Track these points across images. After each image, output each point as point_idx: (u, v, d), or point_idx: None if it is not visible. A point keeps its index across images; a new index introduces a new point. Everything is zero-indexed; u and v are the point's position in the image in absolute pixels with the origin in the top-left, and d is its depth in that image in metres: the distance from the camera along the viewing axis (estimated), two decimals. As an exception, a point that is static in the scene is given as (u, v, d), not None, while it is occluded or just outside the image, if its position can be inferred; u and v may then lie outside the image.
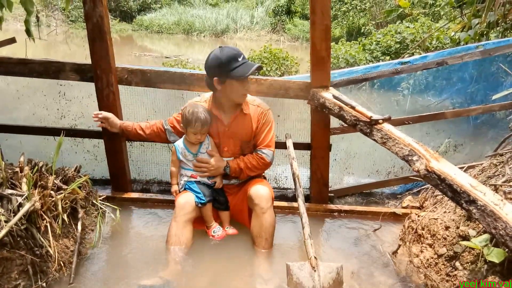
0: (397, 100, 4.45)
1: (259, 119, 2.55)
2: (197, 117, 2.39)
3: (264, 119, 2.56)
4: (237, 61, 2.35)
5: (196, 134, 2.44)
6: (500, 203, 1.65)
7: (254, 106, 2.56)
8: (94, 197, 2.57)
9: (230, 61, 2.34)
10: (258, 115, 2.55)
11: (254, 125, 2.54)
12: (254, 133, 2.55)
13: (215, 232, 2.52)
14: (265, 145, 2.58)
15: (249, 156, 2.57)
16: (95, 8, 2.56)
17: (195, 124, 2.40)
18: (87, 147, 3.37)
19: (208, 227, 2.54)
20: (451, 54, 3.19)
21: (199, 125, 2.40)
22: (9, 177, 2.04)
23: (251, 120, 2.53)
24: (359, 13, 15.14)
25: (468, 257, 2.06)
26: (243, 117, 2.53)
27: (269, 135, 2.59)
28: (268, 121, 2.58)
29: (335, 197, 3.24)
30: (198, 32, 18.79)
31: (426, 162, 1.97)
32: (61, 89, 3.27)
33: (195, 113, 2.39)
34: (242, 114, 2.52)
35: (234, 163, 2.53)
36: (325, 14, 2.61)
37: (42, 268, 1.98)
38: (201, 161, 2.51)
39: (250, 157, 2.56)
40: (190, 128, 2.42)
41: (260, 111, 2.56)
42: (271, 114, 2.61)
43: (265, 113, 2.57)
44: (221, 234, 2.53)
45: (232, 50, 2.39)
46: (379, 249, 2.59)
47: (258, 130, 2.56)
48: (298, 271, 2.08)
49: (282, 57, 8.34)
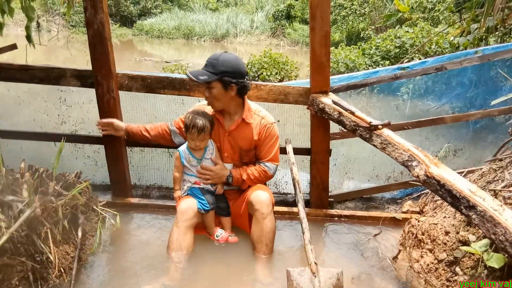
0: (397, 104, 4.47)
1: (261, 131, 2.53)
2: (194, 123, 2.38)
3: (267, 133, 2.54)
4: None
5: (194, 140, 2.43)
6: (500, 209, 1.66)
7: (258, 117, 2.55)
8: (95, 202, 2.57)
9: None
10: (261, 127, 2.53)
11: (255, 136, 2.53)
12: (254, 143, 2.55)
13: (218, 236, 2.53)
14: (268, 159, 2.58)
15: (252, 167, 2.58)
16: (96, 15, 2.58)
17: (192, 130, 2.40)
18: (88, 152, 3.38)
19: (211, 233, 2.55)
20: (450, 60, 3.21)
21: (195, 132, 2.39)
22: (10, 183, 2.04)
23: (252, 130, 2.53)
24: (359, 18, 15.18)
25: (468, 262, 2.06)
26: (245, 126, 2.53)
27: (273, 149, 2.58)
28: (272, 135, 2.56)
29: (335, 202, 3.24)
30: (198, 37, 18.83)
31: (425, 167, 1.97)
32: (61, 95, 3.28)
33: (193, 119, 2.39)
34: (244, 122, 2.52)
35: (237, 173, 2.54)
36: (324, 20, 2.63)
37: (42, 274, 1.98)
38: (205, 169, 2.51)
39: (253, 168, 2.57)
40: (188, 134, 2.43)
41: (263, 123, 2.54)
42: (275, 128, 2.59)
43: (268, 126, 2.54)
44: (224, 236, 2.53)
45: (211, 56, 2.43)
46: (379, 254, 2.59)
47: (260, 142, 2.55)
48: (298, 277, 2.08)
49: (282, 61, 8.37)
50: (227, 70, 2.34)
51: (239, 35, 19.05)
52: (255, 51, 11.26)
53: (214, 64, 2.35)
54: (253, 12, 20.65)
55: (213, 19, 19.47)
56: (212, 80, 2.34)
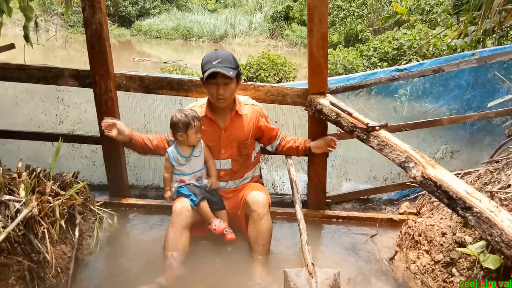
0: (395, 106, 4.48)
1: (258, 118, 2.61)
2: (193, 116, 2.42)
3: (263, 116, 2.65)
4: (210, 63, 2.34)
5: (197, 132, 2.45)
6: (496, 210, 1.66)
7: (249, 106, 2.62)
8: (92, 202, 2.57)
9: (206, 63, 2.37)
10: (256, 114, 2.61)
11: (252, 124, 2.58)
12: (253, 132, 2.60)
13: (216, 225, 2.49)
14: (277, 133, 2.74)
15: (289, 141, 2.77)
16: (94, 15, 2.58)
17: (194, 123, 2.42)
18: (85, 152, 3.37)
19: (209, 223, 2.51)
20: (447, 61, 3.22)
21: (198, 123, 2.43)
22: (7, 183, 2.04)
23: (247, 120, 2.57)
24: (357, 20, 15.21)
25: (465, 264, 2.07)
26: (239, 118, 2.56)
27: (271, 125, 2.74)
28: (266, 116, 2.70)
29: (333, 203, 3.24)
30: (196, 37, 18.83)
31: (422, 169, 1.98)
32: (59, 95, 3.28)
33: (188, 114, 2.42)
34: (237, 115, 2.55)
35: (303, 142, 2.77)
36: (322, 21, 2.64)
37: (39, 274, 1.97)
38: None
39: (289, 141, 2.77)
40: (191, 129, 2.42)
41: (256, 110, 2.63)
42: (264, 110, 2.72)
43: (261, 110, 2.66)
44: (222, 226, 2.49)
45: (213, 52, 2.40)
46: (376, 255, 2.59)
47: (262, 126, 2.64)
48: (295, 278, 2.08)
49: (280, 62, 8.38)
50: (238, 65, 2.44)
51: (237, 36, 19.07)
52: (253, 52, 11.27)
53: (230, 59, 2.38)
54: (251, 13, 20.67)
55: (211, 20, 19.48)
56: (235, 76, 2.39)
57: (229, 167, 2.61)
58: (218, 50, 2.43)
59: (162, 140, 2.68)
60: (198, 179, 2.55)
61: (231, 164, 2.60)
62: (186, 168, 2.52)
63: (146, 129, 3.32)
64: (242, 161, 2.64)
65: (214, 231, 2.49)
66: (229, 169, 2.61)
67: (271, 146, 2.79)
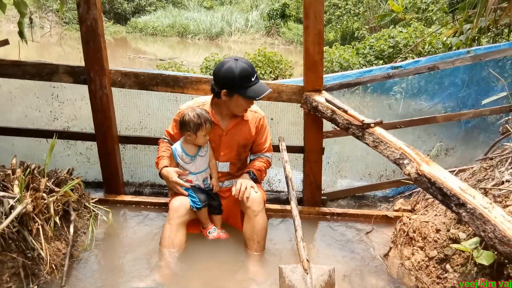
0: (390, 103, 4.49)
1: (257, 125, 2.59)
2: (206, 118, 2.37)
3: (262, 126, 2.61)
4: (250, 80, 2.30)
5: (205, 135, 2.42)
6: (489, 206, 1.68)
7: (251, 112, 2.58)
8: (87, 199, 2.57)
9: (243, 79, 2.28)
10: (256, 121, 2.58)
11: (252, 130, 2.57)
12: (252, 138, 2.59)
13: (211, 233, 2.54)
14: (267, 150, 2.67)
15: (257, 161, 2.64)
16: (89, 11, 2.57)
17: (206, 126, 2.37)
18: (80, 149, 3.36)
19: (204, 227, 2.55)
20: (442, 59, 3.23)
21: (209, 125, 2.39)
22: (1, 179, 2.03)
23: (249, 126, 2.56)
24: (353, 18, 15.23)
25: (458, 260, 2.09)
26: (242, 123, 2.54)
27: (268, 140, 2.68)
28: (265, 127, 2.65)
29: (328, 200, 3.25)
30: (192, 34, 18.79)
31: (417, 165, 1.99)
32: (54, 91, 3.26)
33: (202, 115, 2.37)
34: (242, 120, 2.54)
35: (255, 169, 2.58)
36: (318, 18, 2.64)
37: (33, 271, 1.97)
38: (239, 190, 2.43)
39: (261, 162, 2.63)
40: (201, 131, 2.38)
41: (258, 117, 2.59)
42: (266, 120, 2.66)
43: (262, 119, 2.61)
44: (216, 235, 2.55)
45: (247, 67, 2.31)
46: (371, 251, 2.61)
47: (257, 135, 2.60)
48: (290, 274, 2.09)
49: (276, 60, 8.38)
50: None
51: (233, 34, 19.05)
52: (249, 49, 11.27)
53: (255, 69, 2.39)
54: (247, 11, 20.64)
55: (207, 17, 19.45)
56: None
57: (227, 170, 2.59)
58: (246, 61, 2.34)
59: (166, 146, 2.63)
60: (204, 180, 2.55)
61: (229, 168, 2.60)
62: (192, 167, 2.49)
63: (141, 125, 3.31)
64: (240, 165, 2.65)
65: (207, 237, 2.53)
66: (226, 171, 2.60)
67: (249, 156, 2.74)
